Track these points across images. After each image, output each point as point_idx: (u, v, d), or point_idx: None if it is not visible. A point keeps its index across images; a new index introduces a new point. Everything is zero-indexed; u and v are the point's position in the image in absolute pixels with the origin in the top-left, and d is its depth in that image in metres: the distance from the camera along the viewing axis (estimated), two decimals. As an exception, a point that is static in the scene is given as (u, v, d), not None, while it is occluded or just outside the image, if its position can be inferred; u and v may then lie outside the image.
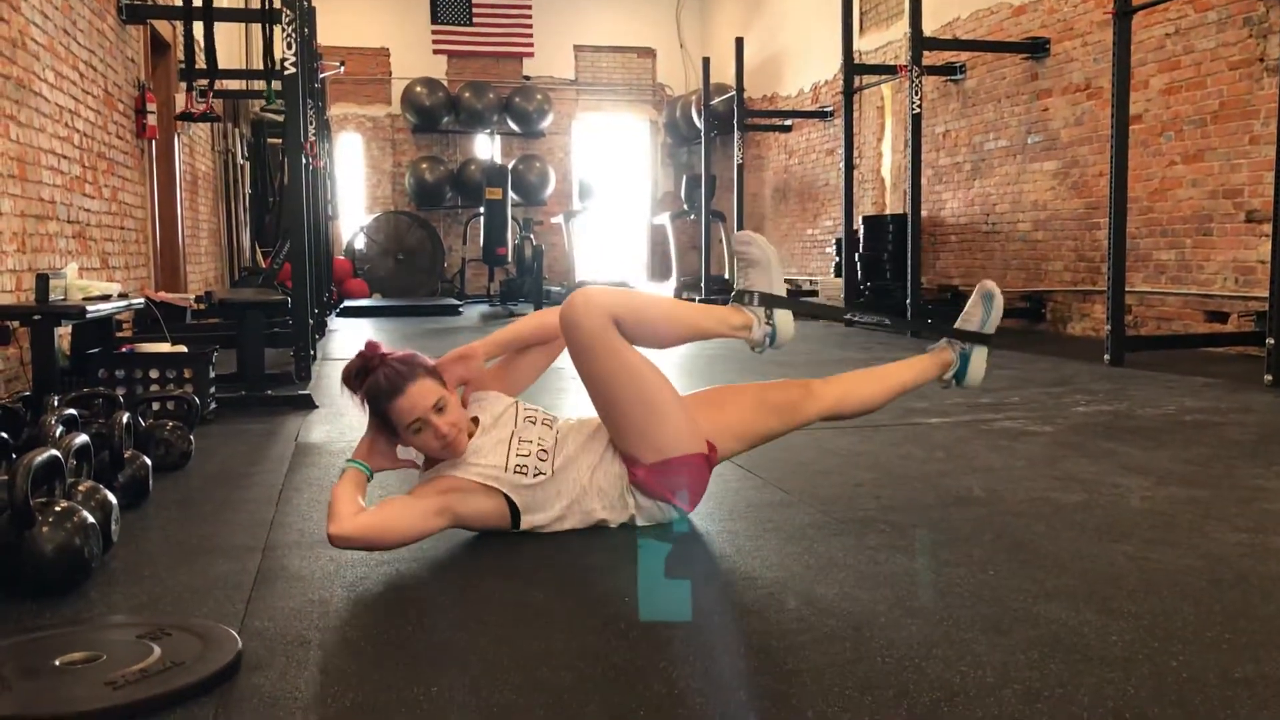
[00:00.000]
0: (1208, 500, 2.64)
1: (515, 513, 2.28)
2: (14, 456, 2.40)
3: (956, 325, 2.67)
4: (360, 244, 13.89)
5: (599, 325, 2.27)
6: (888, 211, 10.27)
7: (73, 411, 2.84)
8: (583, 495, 2.31)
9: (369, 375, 2.24)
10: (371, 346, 2.28)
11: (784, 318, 2.49)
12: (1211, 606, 1.84)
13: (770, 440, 2.55)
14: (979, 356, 2.65)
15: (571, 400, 4.64)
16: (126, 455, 2.65)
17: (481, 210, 12.40)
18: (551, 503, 2.29)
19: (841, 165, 8.89)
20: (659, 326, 2.40)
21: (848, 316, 5.06)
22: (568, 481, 2.30)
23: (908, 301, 7.58)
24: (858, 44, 9.46)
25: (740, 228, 11.29)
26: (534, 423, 2.35)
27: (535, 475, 2.27)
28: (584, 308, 2.27)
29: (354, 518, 2.09)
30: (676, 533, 2.34)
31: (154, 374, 4.03)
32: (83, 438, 2.35)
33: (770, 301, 2.48)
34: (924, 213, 8.58)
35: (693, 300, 8.80)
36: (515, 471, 2.25)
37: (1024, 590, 1.93)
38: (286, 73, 5.19)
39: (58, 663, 1.57)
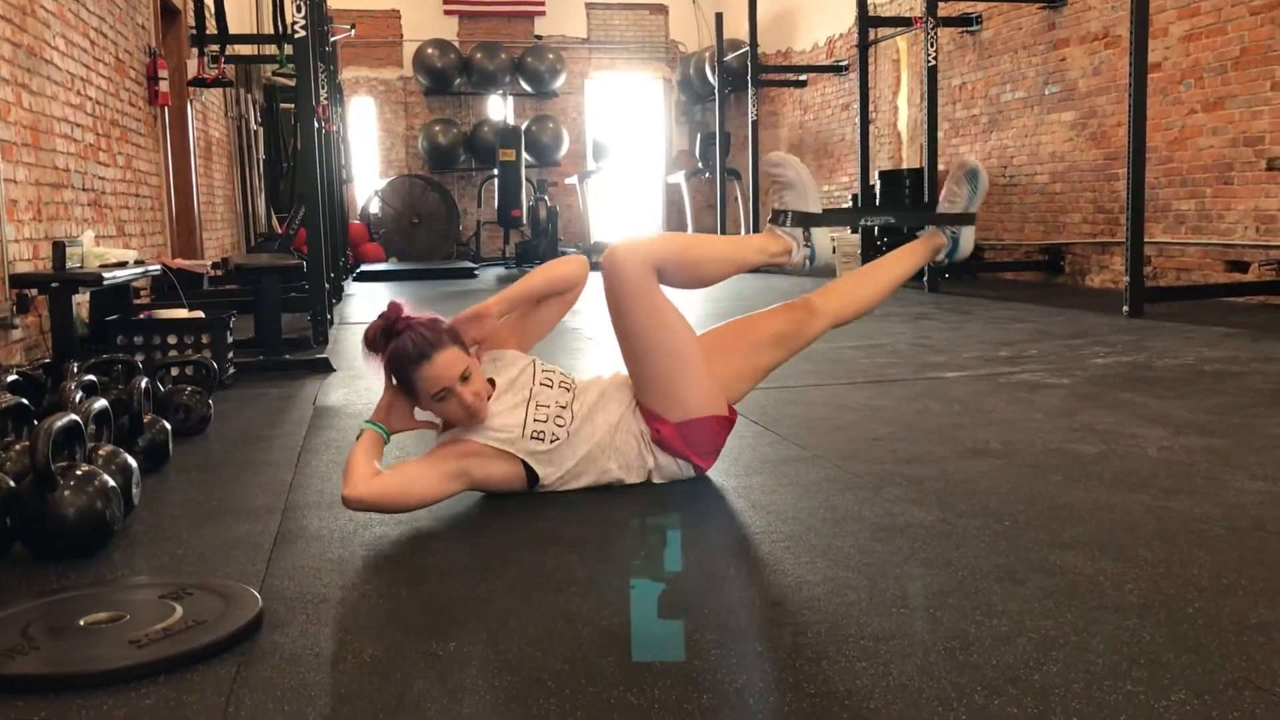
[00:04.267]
0: (1226, 449, 2.62)
1: (532, 477, 2.28)
2: (36, 422, 2.42)
3: (943, 210, 2.68)
4: (375, 208, 13.88)
5: (640, 274, 2.29)
6: (904, 165, 10.18)
7: (92, 377, 2.86)
8: (599, 453, 2.31)
9: (393, 339, 2.19)
10: (395, 308, 2.23)
11: (822, 237, 2.53)
12: (1228, 554, 1.84)
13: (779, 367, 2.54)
14: (968, 234, 2.68)
15: (588, 360, 4.65)
16: (146, 420, 2.68)
17: (495, 172, 12.37)
18: (567, 461, 2.30)
19: (857, 120, 8.82)
20: (702, 268, 2.44)
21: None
22: (584, 441, 2.30)
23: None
24: (872, -4, 9.34)
25: (756, 185, 11.23)
26: (550, 385, 2.33)
27: (551, 441, 2.26)
28: (626, 256, 2.29)
29: (370, 480, 2.10)
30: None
31: (172, 340, 4.05)
32: (102, 403, 2.37)
33: (805, 220, 2.50)
34: (941, 166, 8.50)
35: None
36: (532, 438, 2.24)
37: (1040, 540, 1.93)
38: (297, 36, 5.16)
39: (83, 622, 1.59)
